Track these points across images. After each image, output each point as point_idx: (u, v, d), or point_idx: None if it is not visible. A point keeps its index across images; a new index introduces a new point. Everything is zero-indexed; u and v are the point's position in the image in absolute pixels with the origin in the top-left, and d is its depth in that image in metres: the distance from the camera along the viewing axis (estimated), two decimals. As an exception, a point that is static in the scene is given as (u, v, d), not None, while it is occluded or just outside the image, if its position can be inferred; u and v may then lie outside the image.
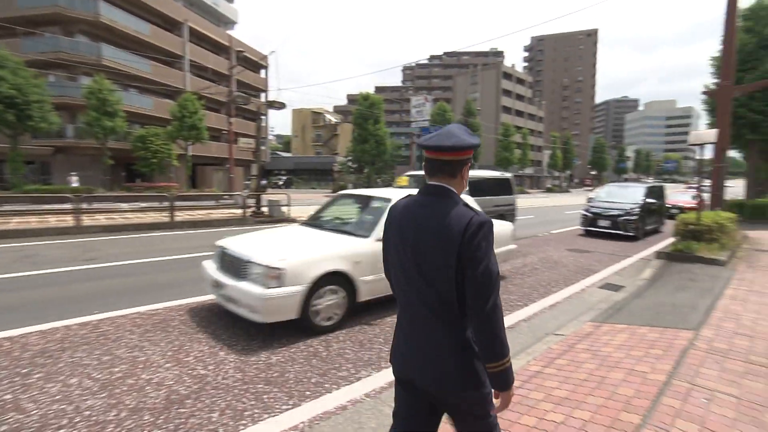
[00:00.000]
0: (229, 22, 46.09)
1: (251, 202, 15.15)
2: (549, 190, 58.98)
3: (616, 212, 11.57)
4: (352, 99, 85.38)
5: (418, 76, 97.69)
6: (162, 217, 13.33)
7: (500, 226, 6.14)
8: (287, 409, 2.85)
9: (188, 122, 26.02)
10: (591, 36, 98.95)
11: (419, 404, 1.52)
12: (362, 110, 37.15)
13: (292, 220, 13.86)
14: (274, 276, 3.84)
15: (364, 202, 5.51)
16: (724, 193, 10.29)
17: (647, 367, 3.21)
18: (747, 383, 2.93)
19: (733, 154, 19.93)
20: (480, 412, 1.47)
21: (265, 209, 14.45)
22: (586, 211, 12.28)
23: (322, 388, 3.15)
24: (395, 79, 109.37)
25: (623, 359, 3.37)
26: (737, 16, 10.78)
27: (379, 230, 4.48)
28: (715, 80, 15.41)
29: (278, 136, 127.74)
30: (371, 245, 4.51)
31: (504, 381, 1.39)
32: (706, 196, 10.29)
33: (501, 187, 11.12)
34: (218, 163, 36.92)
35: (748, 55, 15.47)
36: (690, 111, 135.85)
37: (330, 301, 4.25)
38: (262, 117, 49.30)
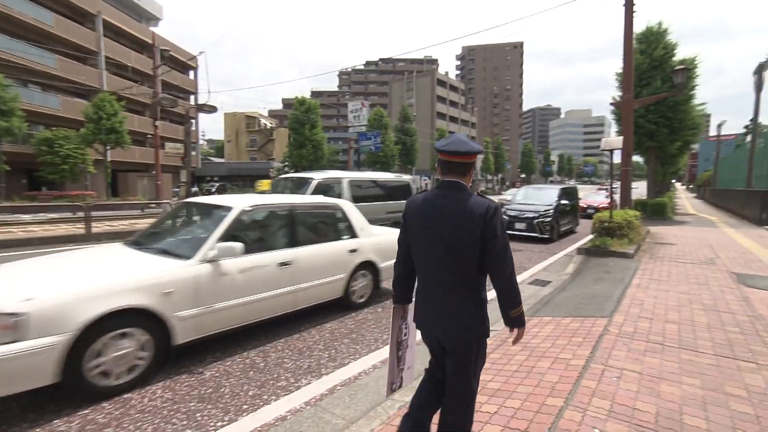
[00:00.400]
0: (152, 18, 43.14)
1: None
2: (483, 193, 61.66)
3: (531, 214, 11.63)
4: (287, 103, 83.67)
5: (355, 81, 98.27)
6: (76, 228, 12.11)
7: (386, 235, 5.71)
8: (222, 426, 2.73)
9: (106, 125, 23.94)
10: (517, 48, 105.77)
11: (441, 357, 1.97)
12: (298, 115, 36.58)
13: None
14: (8, 326, 2.63)
15: (205, 211, 4.51)
16: (630, 193, 11.47)
17: (570, 353, 3.49)
18: (647, 360, 3.30)
19: (636, 159, 22.32)
20: (483, 354, 1.96)
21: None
22: (503, 213, 12.70)
23: (260, 400, 3.05)
24: (332, 84, 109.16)
25: (549, 348, 3.63)
26: (633, 39, 12.19)
27: (208, 248, 3.66)
28: (620, 93, 17.22)
29: (210, 141, 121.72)
30: (194, 269, 3.51)
31: (520, 321, 1.89)
32: (617, 196, 11.47)
33: (399, 191, 10.75)
34: (143, 169, 34.34)
35: (643, 74, 17.46)
36: (603, 120, 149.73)
37: (120, 351, 3.06)
38: (192, 120, 46.83)
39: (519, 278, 6.92)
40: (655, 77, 17.39)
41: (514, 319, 1.88)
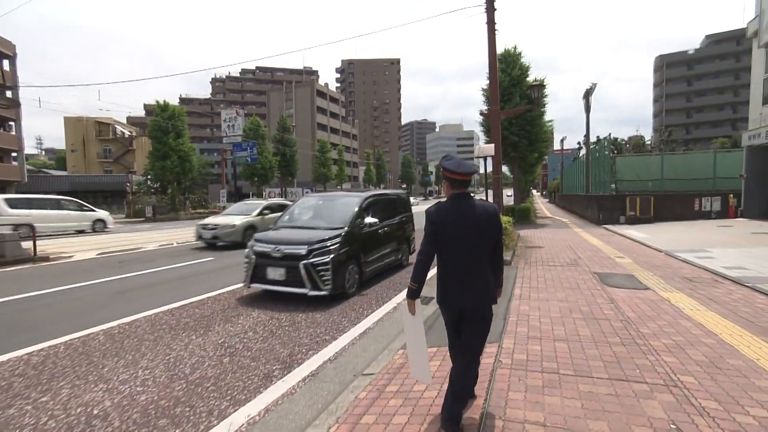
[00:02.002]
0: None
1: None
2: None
3: (295, 250, 6.01)
4: (150, 110, 74.68)
5: (230, 89, 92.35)
6: None
7: None
8: None
9: None
10: (394, 64, 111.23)
11: (457, 323, 2.59)
12: (159, 122, 32.29)
13: (44, 258, 10.35)
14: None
15: None
16: (502, 200, 11.98)
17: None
18: (548, 401, 2.74)
19: (504, 169, 24.62)
20: (491, 316, 2.59)
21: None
22: (251, 248, 6.39)
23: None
24: (204, 91, 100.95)
25: (435, 399, 2.88)
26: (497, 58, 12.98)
27: None
28: (487, 107, 18.53)
29: (50, 151, 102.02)
30: None
31: (501, 284, 2.72)
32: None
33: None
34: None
35: (505, 90, 19.11)
36: (472, 134, 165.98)
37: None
38: (11, 123, 38.30)
39: (399, 297, 6.13)
40: (514, 94, 19.13)
41: (500, 283, 2.68)
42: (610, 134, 18.64)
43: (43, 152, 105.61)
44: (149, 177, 35.88)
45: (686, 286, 5.82)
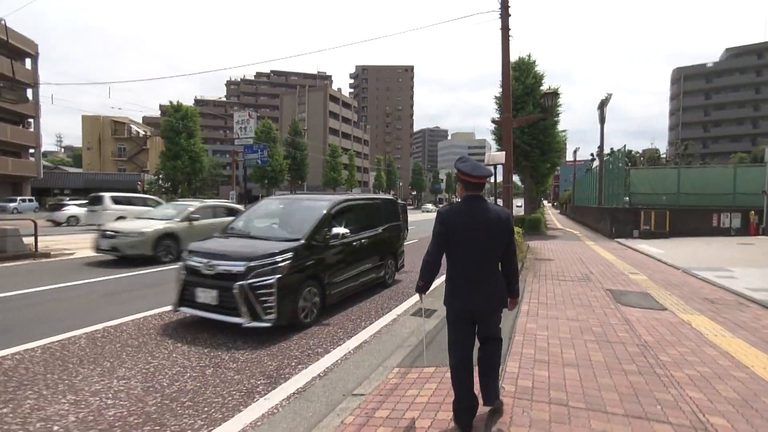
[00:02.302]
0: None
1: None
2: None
3: (231, 267, 4.77)
4: (165, 110, 75.79)
5: (245, 92, 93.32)
6: None
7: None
8: None
9: None
10: (408, 71, 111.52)
11: (470, 327, 2.56)
12: (172, 122, 32.53)
13: (45, 255, 10.26)
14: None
15: None
16: (512, 209, 11.63)
17: (456, 437, 2.46)
18: (557, 440, 2.42)
19: (515, 179, 24.20)
20: (500, 318, 2.67)
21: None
22: (184, 262, 5.20)
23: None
24: (219, 93, 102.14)
25: (428, 429, 2.57)
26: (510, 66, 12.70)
27: None
28: (499, 114, 18.22)
29: (69, 149, 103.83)
30: None
31: (518, 292, 2.71)
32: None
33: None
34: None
35: (517, 99, 18.80)
36: (484, 142, 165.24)
37: None
38: (30, 120, 38.97)
39: (399, 308, 5.64)
40: (527, 102, 18.81)
41: (515, 291, 2.67)
42: (624, 146, 18.20)
43: (63, 149, 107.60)
44: (161, 176, 36.15)
45: (708, 308, 5.42)
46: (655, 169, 23.03)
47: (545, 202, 64.73)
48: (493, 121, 14.23)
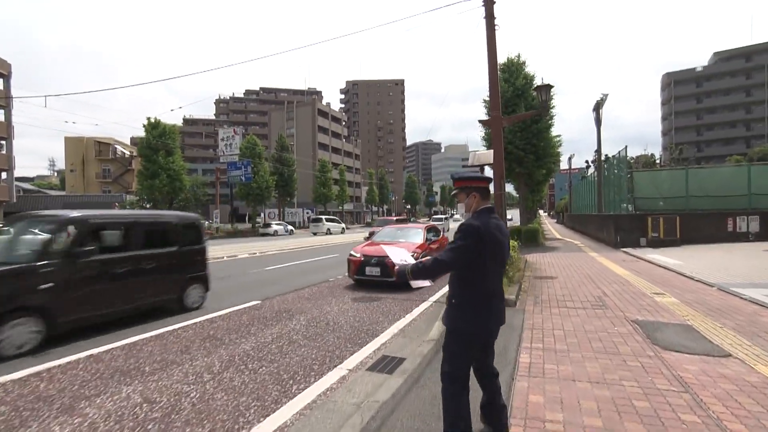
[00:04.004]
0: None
1: None
2: (368, 224, 60.98)
3: None
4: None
5: (234, 110, 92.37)
6: None
7: None
8: None
9: None
10: (398, 85, 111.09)
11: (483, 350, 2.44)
12: (149, 140, 31.05)
13: None
14: None
15: None
16: (506, 222, 10.11)
17: None
18: None
19: (509, 189, 22.85)
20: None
21: None
22: None
23: None
24: (209, 112, 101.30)
25: None
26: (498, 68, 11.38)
27: None
28: (488, 116, 16.86)
29: (61, 172, 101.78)
30: None
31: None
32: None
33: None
34: None
35: (508, 101, 17.49)
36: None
37: None
38: (1, 142, 37.44)
39: (354, 358, 3.47)
40: (519, 105, 17.49)
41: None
42: (626, 147, 16.77)
43: (56, 173, 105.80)
44: (144, 197, 34.46)
45: (783, 349, 3.85)
46: (660, 171, 21.63)
47: (541, 212, 63.39)
48: (481, 122, 12.75)
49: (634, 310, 5.53)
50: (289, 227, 37.99)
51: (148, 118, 32.62)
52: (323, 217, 37.07)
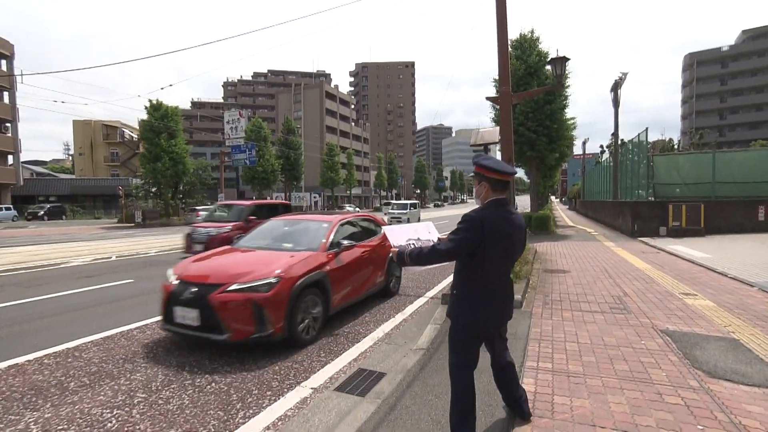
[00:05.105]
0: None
1: None
2: (377, 209, 60.19)
3: None
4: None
5: (242, 93, 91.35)
6: None
7: None
8: None
9: None
10: (409, 67, 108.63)
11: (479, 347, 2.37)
12: (151, 122, 30.43)
13: None
14: None
15: None
16: (515, 205, 9.21)
17: None
18: None
19: (520, 174, 21.72)
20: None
21: None
22: None
23: None
24: (217, 95, 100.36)
25: None
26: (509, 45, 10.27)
27: None
28: (497, 92, 15.75)
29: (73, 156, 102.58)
30: None
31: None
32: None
33: None
34: None
35: (520, 79, 16.34)
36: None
37: None
38: (7, 125, 37.27)
39: (325, 372, 3.39)
40: (531, 83, 16.35)
41: None
42: (646, 129, 15.53)
43: (70, 157, 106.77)
44: (149, 180, 34.03)
45: None
46: (685, 155, 20.22)
47: (552, 198, 61.84)
48: (489, 99, 11.65)
49: (662, 316, 4.67)
50: None
51: (150, 100, 31.99)
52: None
